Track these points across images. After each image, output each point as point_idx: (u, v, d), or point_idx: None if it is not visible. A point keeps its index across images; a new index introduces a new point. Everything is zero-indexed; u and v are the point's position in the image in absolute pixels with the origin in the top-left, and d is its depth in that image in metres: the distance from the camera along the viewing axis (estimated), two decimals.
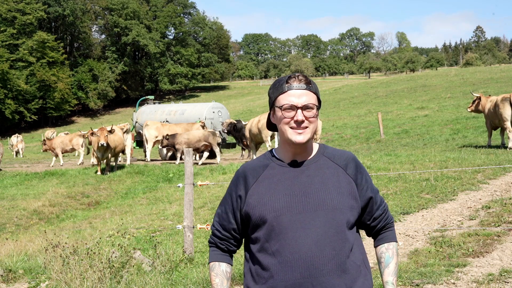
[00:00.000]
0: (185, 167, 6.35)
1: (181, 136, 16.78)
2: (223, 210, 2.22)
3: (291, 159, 2.13)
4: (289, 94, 2.07)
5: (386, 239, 2.22)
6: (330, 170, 2.12)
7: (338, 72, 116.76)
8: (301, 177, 2.09)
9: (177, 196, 11.18)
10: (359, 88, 53.80)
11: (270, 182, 2.10)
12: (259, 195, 2.09)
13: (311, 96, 2.09)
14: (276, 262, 2.02)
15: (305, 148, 2.13)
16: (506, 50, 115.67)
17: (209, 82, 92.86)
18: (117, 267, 5.22)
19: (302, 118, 2.06)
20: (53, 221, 11.33)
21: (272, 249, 2.04)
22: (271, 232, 2.04)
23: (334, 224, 2.03)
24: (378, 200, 2.21)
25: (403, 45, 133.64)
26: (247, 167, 2.19)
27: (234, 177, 2.21)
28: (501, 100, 12.75)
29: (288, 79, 2.10)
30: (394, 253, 2.19)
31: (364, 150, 16.16)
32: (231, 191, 2.19)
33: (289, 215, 2.03)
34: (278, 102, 2.10)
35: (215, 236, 2.24)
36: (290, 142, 2.09)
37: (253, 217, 2.08)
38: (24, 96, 57.68)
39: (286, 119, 2.07)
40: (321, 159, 2.15)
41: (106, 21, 76.57)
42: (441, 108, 26.57)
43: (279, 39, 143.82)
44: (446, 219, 6.89)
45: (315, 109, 2.09)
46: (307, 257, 1.99)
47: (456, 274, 4.88)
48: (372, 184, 2.21)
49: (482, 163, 10.07)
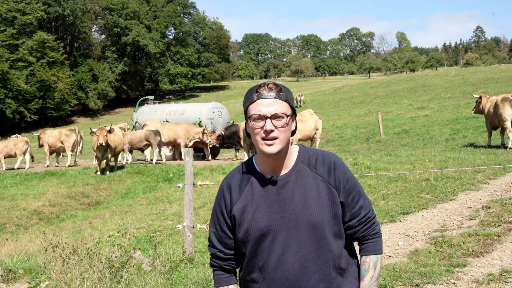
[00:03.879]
0: (185, 167, 6.34)
1: (125, 136, 16.99)
2: (218, 228, 2.17)
3: (271, 171, 2.09)
4: (258, 104, 2.02)
5: (364, 251, 2.14)
6: (310, 181, 2.06)
7: (338, 72, 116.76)
8: (281, 192, 2.05)
9: (177, 196, 11.18)
10: (359, 88, 53.79)
11: (253, 198, 2.08)
12: (243, 213, 2.08)
13: (282, 105, 2.02)
14: (262, 278, 2.06)
15: (281, 158, 2.07)
16: (506, 50, 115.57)
17: (209, 82, 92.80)
18: (117, 267, 5.21)
19: (272, 128, 1.99)
20: (53, 221, 11.33)
21: (258, 264, 2.07)
22: (257, 249, 2.07)
23: (316, 238, 2.02)
24: (355, 207, 2.10)
25: (403, 45, 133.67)
26: (230, 181, 2.16)
27: (218, 192, 2.18)
28: (501, 100, 12.75)
29: (258, 88, 2.04)
30: (370, 266, 2.11)
31: (364, 150, 16.16)
32: (220, 207, 2.16)
33: (273, 233, 2.03)
34: (248, 112, 2.05)
35: (219, 258, 2.19)
36: (263, 154, 2.05)
37: (238, 234, 2.10)
38: (24, 96, 57.63)
39: (256, 129, 2.02)
40: (300, 168, 2.09)
41: (106, 21, 76.52)
42: (441, 108, 26.56)
43: (279, 39, 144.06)
44: (446, 219, 6.89)
45: (286, 117, 2.02)
46: (290, 275, 2.01)
47: (456, 274, 4.88)
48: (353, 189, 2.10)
49: (482, 163, 10.07)
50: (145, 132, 16.94)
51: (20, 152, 18.70)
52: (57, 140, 18.50)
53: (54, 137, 18.61)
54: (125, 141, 16.83)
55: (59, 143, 18.51)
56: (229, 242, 2.16)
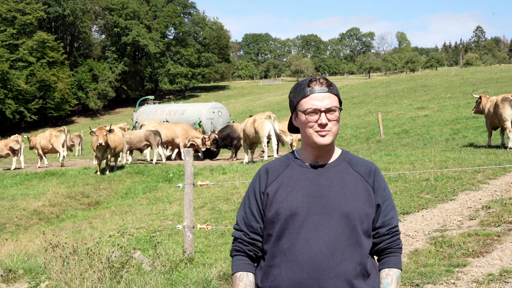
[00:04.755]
0: (185, 167, 6.34)
1: (125, 136, 17.00)
2: (247, 211, 2.17)
3: (313, 161, 2.14)
4: (312, 98, 2.08)
5: (388, 264, 2.14)
6: (349, 176, 2.11)
7: (338, 72, 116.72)
8: (320, 179, 2.09)
9: (177, 196, 11.17)
10: (359, 88, 53.80)
11: (289, 181, 2.10)
12: (276, 193, 2.09)
13: (333, 99, 2.09)
14: (285, 260, 2.03)
15: (328, 150, 2.14)
16: (506, 50, 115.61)
17: (209, 82, 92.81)
18: (117, 267, 5.21)
19: (326, 121, 2.06)
20: (53, 221, 11.33)
21: (284, 247, 2.05)
22: (284, 230, 2.05)
23: (347, 229, 2.02)
24: (387, 215, 2.14)
25: (403, 45, 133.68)
26: (268, 166, 2.20)
27: (255, 176, 2.21)
28: (501, 100, 12.75)
29: (310, 83, 2.10)
30: (393, 280, 2.12)
31: (364, 150, 16.16)
32: (254, 189, 2.17)
33: (303, 215, 2.03)
34: (300, 106, 2.10)
35: (242, 241, 2.17)
36: (314, 145, 2.10)
37: (269, 213, 2.10)
38: (24, 96, 57.65)
39: (310, 123, 2.08)
40: (342, 164, 2.15)
41: (106, 21, 76.55)
42: (441, 108, 26.56)
43: (279, 39, 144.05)
44: (446, 219, 6.89)
45: (337, 111, 2.09)
46: (317, 259, 1.99)
47: (456, 274, 4.88)
48: (389, 198, 2.15)
49: (482, 163, 10.07)
50: (145, 132, 16.94)
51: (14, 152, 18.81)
52: (48, 142, 18.90)
53: (46, 139, 19.02)
54: (125, 141, 16.85)
55: (50, 145, 18.89)
56: (256, 225, 2.15)
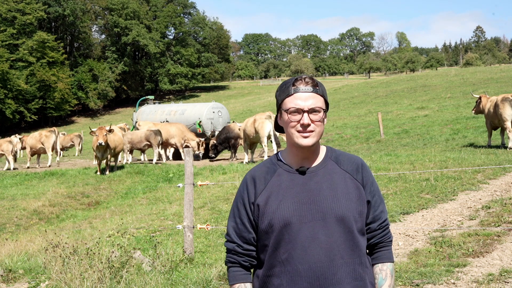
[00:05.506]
0: (185, 167, 6.34)
1: (125, 136, 16.99)
2: (238, 221, 2.12)
3: (299, 164, 2.09)
4: (295, 97, 2.03)
5: (380, 259, 2.13)
6: (338, 176, 2.07)
7: (338, 72, 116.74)
8: (309, 184, 2.04)
9: (177, 196, 11.17)
10: (359, 88, 53.80)
11: (279, 189, 2.05)
12: (267, 203, 2.04)
13: (318, 99, 2.04)
14: (285, 271, 2.00)
15: (312, 151, 2.09)
16: (506, 50, 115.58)
17: (209, 82, 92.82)
18: (117, 267, 5.21)
19: (308, 122, 2.01)
20: (53, 221, 11.33)
21: (281, 257, 2.01)
22: (280, 240, 2.02)
23: (344, 232, 2.00)
24: (377, 209, 2.12)
25: (403, 45, 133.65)
26: (254, 173, 2.13)
27: (241, 185, 2.15)
28: (501, 100, 12.75)
29: (295, 82, 2.05)
30: (388, 274, 2.11)
31: (364, 150, 16.16)
32: (242, 199, 2.11)
33: (297, 223, 1.99)
34: (284, 105, 2.06)
35: (236, 253, 2.12)
36: (297, 146, 2.05)
37: (262, 225, 2.05)
38: (24, 96, 57.66)
39: (292, 122, 2.03)
40: (329, 163, 2.10)
41: (106, 21, 76.55)
42: (441, 108, 26.56)
43: (279, 39, 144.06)
44: (446, 219, 6.89)
45: (322, 112, 2.04)
46: (317, 267, 1.97)
47: (456, 274, 4.88)
48: (377, 192, 2.14)
49: (482, 163, 10.07)
50: (146, 132, 16.94)
51: (8, 153, 18.76)
52: (38, 142, 18.86)
53: (35, 139, 18.98)
54: (125, 141, 16.85)
55: (39, 144, 18.85)
56: (249, 236, 2.10)
